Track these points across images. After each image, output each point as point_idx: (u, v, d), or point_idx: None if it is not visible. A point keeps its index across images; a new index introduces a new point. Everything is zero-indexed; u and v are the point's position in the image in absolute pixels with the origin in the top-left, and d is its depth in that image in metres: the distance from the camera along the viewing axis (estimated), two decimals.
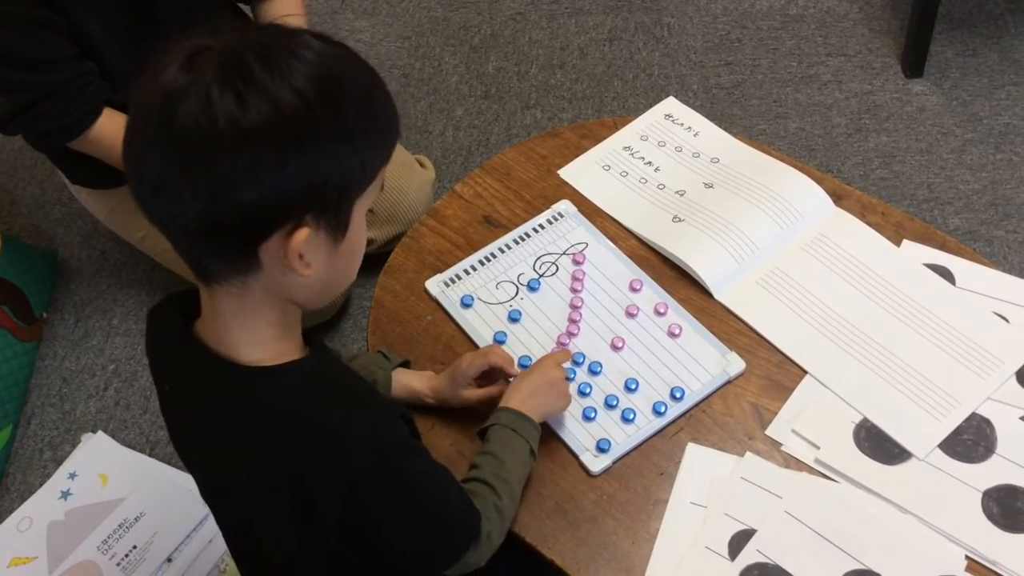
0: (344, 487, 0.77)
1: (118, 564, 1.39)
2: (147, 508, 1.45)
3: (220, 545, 1.42)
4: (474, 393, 1.05)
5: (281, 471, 0.78)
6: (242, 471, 0.81)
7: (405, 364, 1.10)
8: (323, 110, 0.66)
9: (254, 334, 0.76)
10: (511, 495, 0.94)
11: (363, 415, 0.78)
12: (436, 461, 0.87)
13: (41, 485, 1.52)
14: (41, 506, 1.48)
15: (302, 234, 0.69)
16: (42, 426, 1.63)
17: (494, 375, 1.06)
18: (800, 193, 1.25)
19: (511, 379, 1.05)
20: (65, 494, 1.48)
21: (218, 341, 0.77)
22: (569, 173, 1.33)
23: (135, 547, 1.41)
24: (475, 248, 1.25)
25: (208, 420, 0.80)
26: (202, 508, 1.46)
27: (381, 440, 0.78)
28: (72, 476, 1.51)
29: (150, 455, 1.57)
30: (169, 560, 1.40)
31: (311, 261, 0.72)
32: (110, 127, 1.40)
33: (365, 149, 0.71)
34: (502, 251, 1.24)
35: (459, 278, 1.22)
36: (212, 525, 1.44)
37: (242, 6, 1.58)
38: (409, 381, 1.07)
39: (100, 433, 1.58)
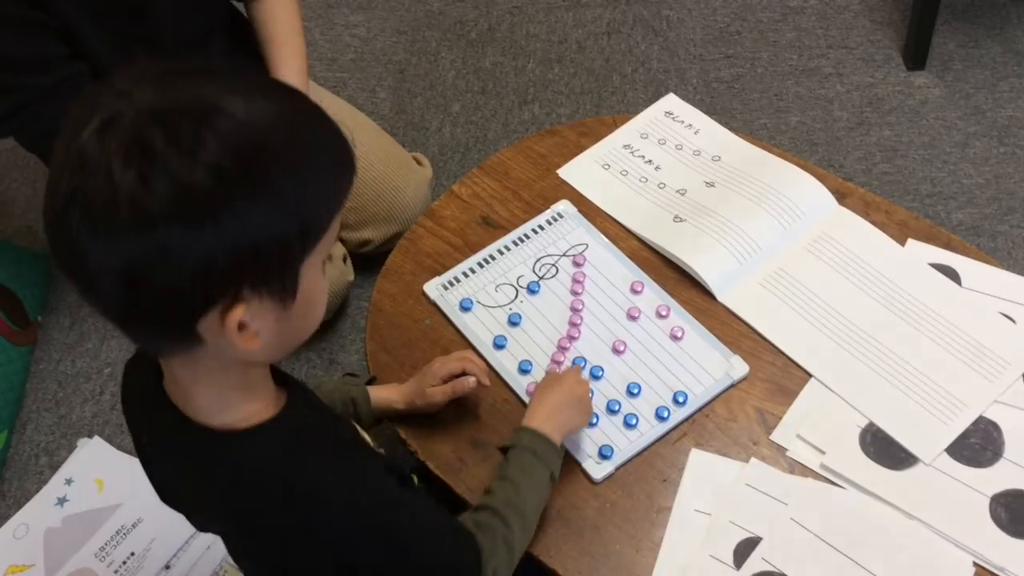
0: (332, 551, 0.75)
1: (116, 571, 1.38)
2: (144, 514, 1.43)
3: (218, 551, 1.40)
4: (439, 391, 1.03)
5: (266, 536, 0.76)
6: (227, 527, 0.79)
7: (371, 381, 1.10)
8: (241, 180, 0.60)
9: (218, 399, 0.72)
10: (524, 526, 0.91)
11: (341, 475, 0.74)
12: (427, 502, 0.83)
13: (37, 491, 1.50)
14: (37, 513, 1.46)
15: (238, 311, 0.64)
16: (38, 431, 1.62)
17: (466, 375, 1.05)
18: (802, 191, 1.23)
19: (472, 377, 1.03)
20: (62, 500, 1.47)
21: (185, 405, 0.73)
22: (568, 172, 1.31)
23: (133, 554, 1.39)
24: (474, 249, 1.23)
25: (186, 480, 0.78)
26: None
27: (359, 499, 0.75)
28: (68, 482, 1.49)
29: None
30: (167, 567, 1.38)
31: (258, 330, 0.66)
32: None
33: (303, 208, 0.64)
34: (501, 253, 1.23)
35: (458, 281, 1.20)
36: None
37: (236, 3, 1.56)
38: (379, 393, 1.06)
39: (96, 438, 1.56)
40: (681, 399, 1.07)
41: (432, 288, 1.19)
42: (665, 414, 1.06)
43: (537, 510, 0.93)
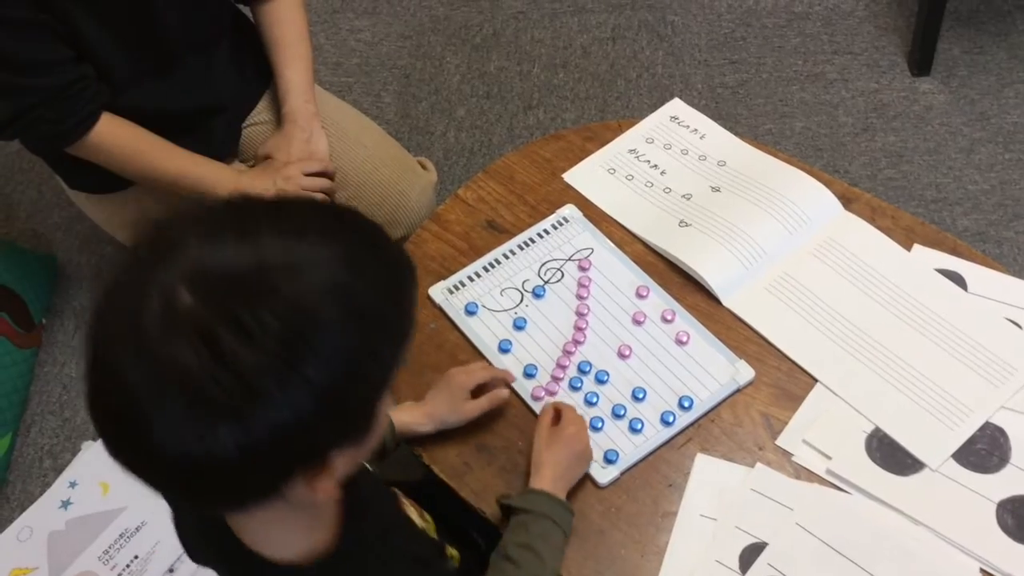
0: None
1: (119, 575, 1.38)
2: (148, 517, 1.43)
3: None
4: (475, 406, 1.04)
5: None
6: None
7: None
8: (308, 351, 0.57)
9: (282, 538, 0.71)
10: None
11: None
12: None
13: (41, 494, 1.50)
14: (41, 516, 1.46)
15: (325, 475, 0.63)
16: (42, 434, 1.62)
17: (487, 386, 1.05)
18: (808, 196, 1.23)
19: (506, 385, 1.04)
20: (65, 503, 1.47)
21: (244, 536, 0.72)
22: (573, 177, 1.31)
23: (136, 557, 1.39)
24: (479, 254, 1.23)
25: None
26: None
27: None
28: (72, 485, 1.49)
29: None
30: (171, 571, 1.38)
31: (339, 475, 0.65)
32: (109, 132, 1.38)
33: (383, 360, 0.63)
34: (506, 257, 1.22)
35: (463, 285, 1.20)
36: None
37: (241, 8, 1.56)
38: (401, 417, 1.03)
39: (100, 441, 1.56)
40: (687, 404, 1.07)
41: (437, 292, 1.19)
42: (671, 419, 1.06)
43: (553, 572, 0.93)
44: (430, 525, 0.95)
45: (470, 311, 1.17)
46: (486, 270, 1.21)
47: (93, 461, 1.53)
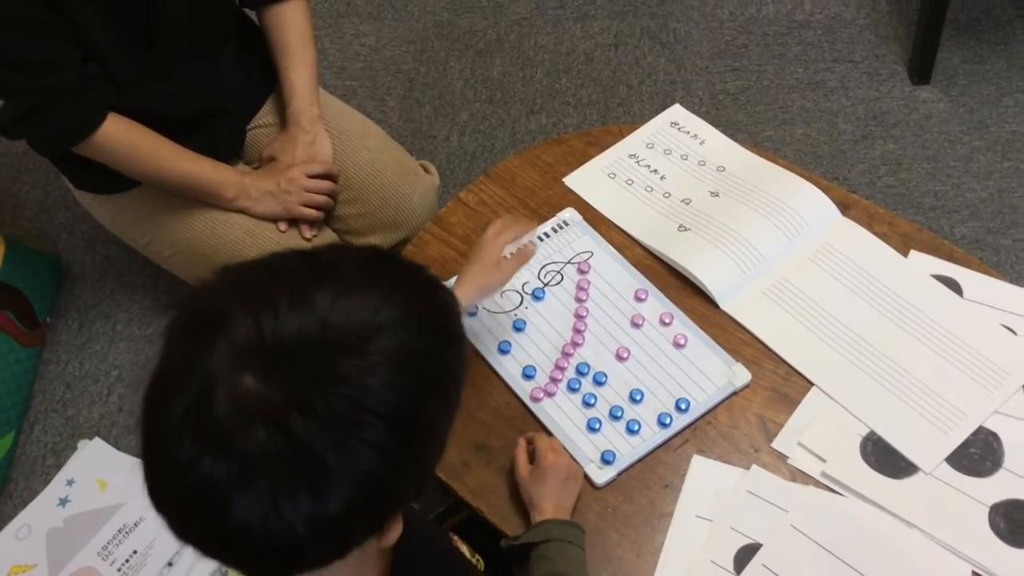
0: None
1: (119, 570, 1.39)
2: (146, 513, 1.44)
3: None
4: (512, 265, 1.09)
5: None
6: None
7: None
8: (362, 435, 0.58)
9: None
10: None
11: None
12: None
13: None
14: (40, 514, 1.47)
15: (397, 526, 0.64)
16: (45, 432, 1.63)
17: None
18: (806, 202, 1.24)
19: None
20: (63, 501, 1.48)
21: None
22: (574, 181, 1.33)
23: (135, 552, 1.40)
24: None
25: None
26: None
27: None
28: (70, 483, 1.50)
29: None
30: (170, 564, 1.39)
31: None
32: (114, 131, 1.39)
33: (450, 425, 0.65)
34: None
35: None
36: None
37: (247, 11, 1.58)
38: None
39: (97, 439, 1.57)
40: (683, 406, 1.08)
41: None
42: (667, 420, 1.07)
43: None
44: (480, 564, 0.96)
45: (470, 312, 1.18)
46: None
47: (90, 459, 1.54)
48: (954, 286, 1.17)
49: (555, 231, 1.26)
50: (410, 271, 0.66)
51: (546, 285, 1.21)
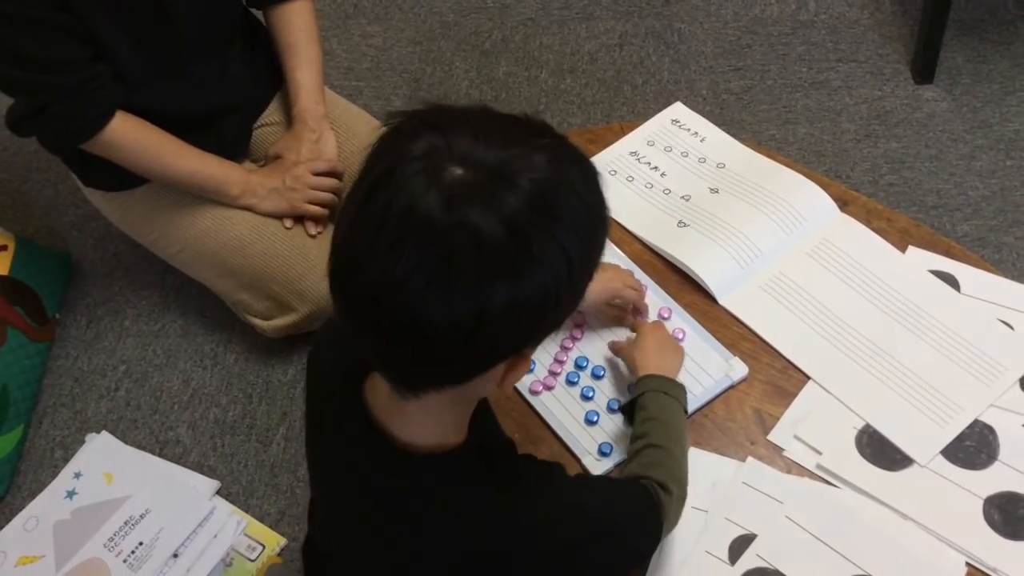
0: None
1: (125, 561, 1.41)
2: (152, 505, 1.46)
3: (226, 539, 1.43)
4: (609, 317, 1.17)
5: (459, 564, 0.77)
6: (396, 548, 0.79)
7: None
8: (552, 228, 0.64)
9: (435, 428, 0.75)
10: (682, 451, 0.98)
11: (538, 504, 0.78)
12: (589, 477, 0.97)
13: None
14: (47, 506, 1.49)
15: (525, 362, 0.70)
16: (54, 426, 1.65)
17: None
18: (805, 198, 1.25)
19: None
20: (70, 493, 1.50)
21: (391, 425, 0.76)
22: None
23: (141, 543, 1.42)
24: None
25: (374, 500, 0.79)
26: (207, 503, 1.47)
27: (552, 529, 0.77)
28: (77, 476, 1.52)
29: (159, 455, 1.58)
30: (175, 555, 1.41)
31: (521, 371, 0.71)
32: (122, 129, 1.41)
33: (601, 247, 0.71)
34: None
35: None
36: (217, 519, 1.45)
37: (254, 11, 1.60)
38: None
39: (104, 433, 1.59)
40: None
41: None
42: None
43: (686, 437, 1.00)
44: None
45: None
46: None
47: (97, 452, 1.55)
48: (951, 281, 1.18)
49: None
50: (571, 147, 0.71)
51: None
